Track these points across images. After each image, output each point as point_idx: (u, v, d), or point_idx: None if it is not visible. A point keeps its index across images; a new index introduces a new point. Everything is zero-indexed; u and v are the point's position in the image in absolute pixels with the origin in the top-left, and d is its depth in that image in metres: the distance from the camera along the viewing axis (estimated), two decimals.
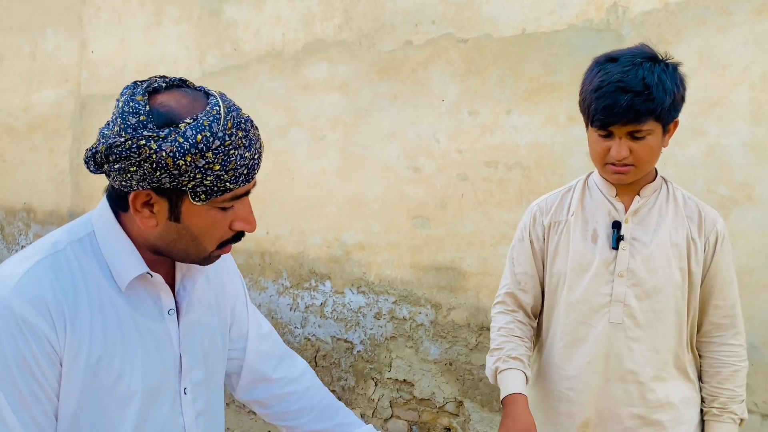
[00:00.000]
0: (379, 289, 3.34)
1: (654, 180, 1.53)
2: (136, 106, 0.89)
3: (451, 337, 3.10)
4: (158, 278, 1.01)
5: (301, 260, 3.60)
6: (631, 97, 1.35)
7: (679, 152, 2.44)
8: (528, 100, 2.82)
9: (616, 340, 1.50)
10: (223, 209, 0.96)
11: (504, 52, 2.88)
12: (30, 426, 0.89)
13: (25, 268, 0.91)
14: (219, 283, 1.19)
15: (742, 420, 1.52)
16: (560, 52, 2.72)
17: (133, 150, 0.87)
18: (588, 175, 1.62)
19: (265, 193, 3.69)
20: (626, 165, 1.42)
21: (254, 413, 3.80)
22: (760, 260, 2.31)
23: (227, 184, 0.92)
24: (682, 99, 1.43)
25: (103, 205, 1.01)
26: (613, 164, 1.43)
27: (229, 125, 0.90)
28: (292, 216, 3.62)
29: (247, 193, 0.98)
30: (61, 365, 0.92)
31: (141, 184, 0.90)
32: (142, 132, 0.87)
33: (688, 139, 2.42)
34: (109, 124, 0.92)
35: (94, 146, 0.91)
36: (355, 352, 3.44)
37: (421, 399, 3.22)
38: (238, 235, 1.01)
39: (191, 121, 0.88)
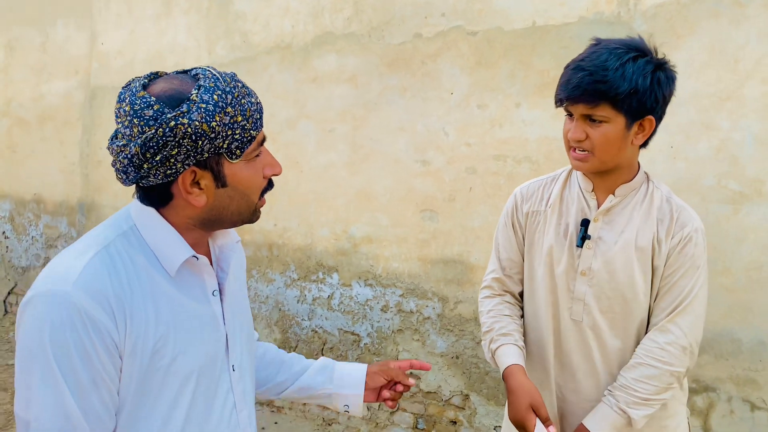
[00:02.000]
0: (386, 282, 3.34)
1: (633, 179, 1.48)
2: (144, 100, 0.94)
3: (457, 330, 3.10)
4: (204, 260, 1.07)
5: (309, 253, 3.61)
6: (584, 76, 1.34)
7: (690, 147, 2.42)
8: (538, 93, 2.81)
9: (577, 337, 1.50)
10: (255, 158, 1.06)
11: (514, 45, 2.86)
12: (88, 412, 0.93)
13: (83, 262, 0.95)
14: (241, 267, 1.27)
15: (630, 418, 1.42)
16: (571, 45, 2.70)
17: (167, 134, 0.93)
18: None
19: (274, 186, 3.70)
20: (584, 151, 1.40)
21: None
22: None
23: (251, 131, 1.01)
24: (655, 98, 1.36)
25: (137, 204, 1.06)
26: (574, 149, 1.42)
27: (228, 81, 0.99)
28: (300, 208, 3.62)
29: (264, 139, 1.07)
30: (121, 357, 0.96)
31: (185, 163, 0.97)
32: (165, 117, 0.93)
33: (700, 134, 2.40)
34: (121, 133, 0.97)
35: (126, 154, 0.95)
36: (362, 345, 3.45)
37: (428, 392, 3.22)
38: (271, 183, 1.12)
39: (198, 90, 0.96)
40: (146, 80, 0.99)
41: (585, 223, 1.49)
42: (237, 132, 0.98)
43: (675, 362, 1.42)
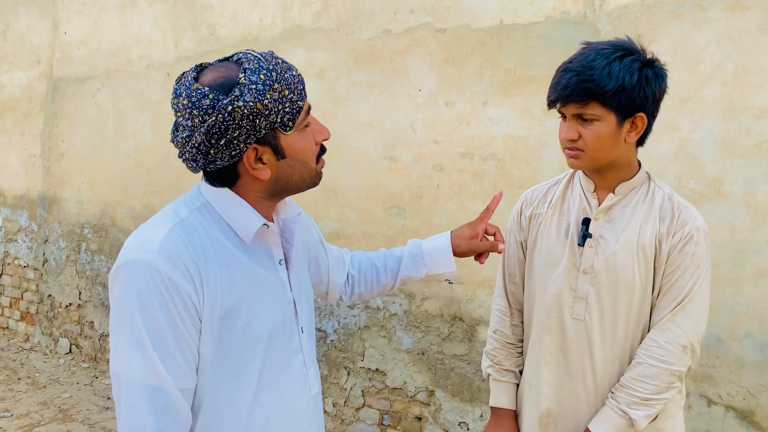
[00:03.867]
0: None
1: (633, 178, 1.49)
2: (199, 91, 1.03)
3: (424, 327, 3.11)
4: (273, 227, 1.18)
5: None
6: (571, 76, 1.36)
7: (652, 147, 2.46)
8: (504, 92, 2.82)
9: (578, 336, 1.50)
10: (305, 127, 1.14)
11: (482, 43, 2.87)
12: (173, 369, 1.01)
13: (162, 233, 1.05)
14: (305, 237, 1.39)
15: (632, 420, 1.42)
16: (537, 44, 2.72)
17: (227, 119, 1.02)
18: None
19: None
20: (577, 149, 1.42)
21: None
22: (726, 254, 2.34)
23: (297, 103, 1.09)
24: (644, 94, 1.37)
25: (206, 184, 1.15)
26: (568, 148, 1.44)
27: (269, 59, 1.08)
28: None
29: (310, 108, 1.16)
30: (201, 319, 1.05)
31: (247, 142, 1.06)
32: (221, 103, 1.02)
33: (662, 134, 2.44)
34: (182, 126, 1.06)
35: (193, 144, 1.05)
36: (328, 342, 3.44)
37: (393, 388, 3.22)
38: (323, 148, 1.20)
39: (244, 73, 1.04)
40: (195, 72, 1.08)
41: (586, 221, 1.49)
42: (286, 105, 1.07)
43: (674, 361, 1.41)
